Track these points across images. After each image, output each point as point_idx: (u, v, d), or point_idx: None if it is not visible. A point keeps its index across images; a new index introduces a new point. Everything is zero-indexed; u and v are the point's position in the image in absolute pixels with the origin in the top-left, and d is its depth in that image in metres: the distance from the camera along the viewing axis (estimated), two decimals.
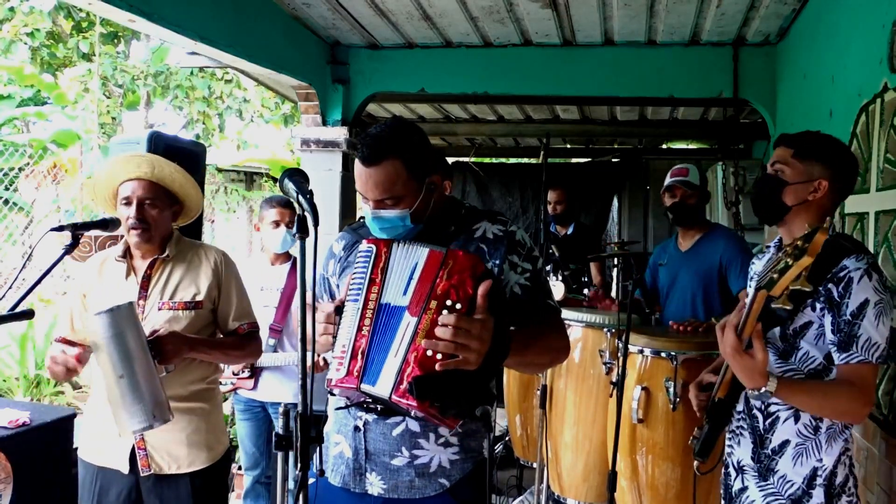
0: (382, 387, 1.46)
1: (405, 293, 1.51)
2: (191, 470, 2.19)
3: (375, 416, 1.65)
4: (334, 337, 1.55)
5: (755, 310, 1.59)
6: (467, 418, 1.58)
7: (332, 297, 1.81)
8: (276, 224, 3.25)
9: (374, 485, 1.66)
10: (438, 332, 1.43)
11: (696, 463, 1.90)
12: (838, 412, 1.68)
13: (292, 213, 3.26)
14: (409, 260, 1.55)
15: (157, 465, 2.16)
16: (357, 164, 1.61)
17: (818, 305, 1.70)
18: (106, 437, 2.13)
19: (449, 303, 1.46)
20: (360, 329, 1.51)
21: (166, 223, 2.25)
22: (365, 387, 1.49)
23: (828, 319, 1.68)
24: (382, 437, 1.65)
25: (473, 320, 1.44)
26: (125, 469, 2.15)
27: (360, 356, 1.49)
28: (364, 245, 1.59)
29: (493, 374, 1.57)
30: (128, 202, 2.16)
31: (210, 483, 2.24)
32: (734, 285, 3.04)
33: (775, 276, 1.51)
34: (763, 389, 1.61)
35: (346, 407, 1.67)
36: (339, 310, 1.56)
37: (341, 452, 1.70)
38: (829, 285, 1.68)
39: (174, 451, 2.18)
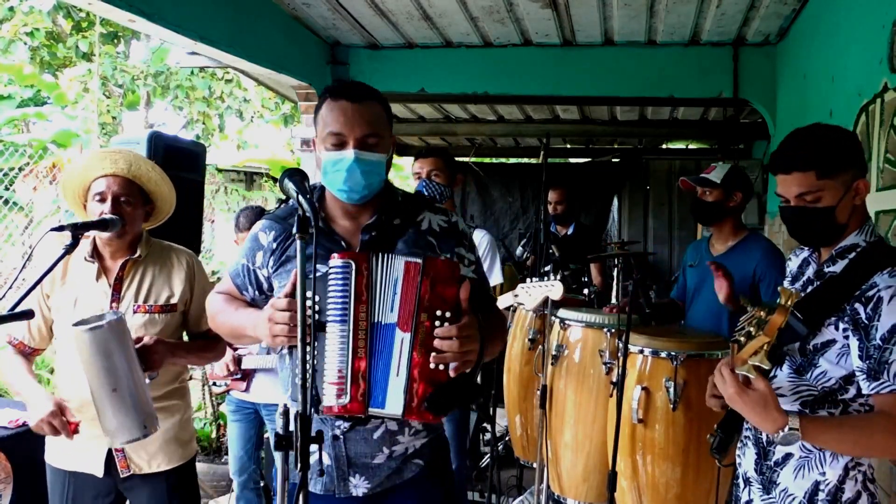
0: (392, 407, 1.49)
1: (392, 309, 1.51)
2: (169, 467, 2.20)
3: (354, 423, 1.64)
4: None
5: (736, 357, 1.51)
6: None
7: (260, 289, 1.74)
8: None
9: (359, 486, 1.67)
10: (443, 345, 1.47)
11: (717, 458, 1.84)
12: (876, 449, 1.51)
13: None
14: (391, 273, 1.52)
15: (137, 465, 2.16)
16: (335, 105, 1.59)
17: (842, 325, 1.54)
18: (78, 440, 2.05)
19: (439, 313, 1.49)
20: (355, 351, 1.49)
21: (139, 222, 2.19)
22: (373, 410, 1.51)
23: (854, 343, 1.52)
24: (364, 442, 1.65)
25: (466, 326, 1.48)
26: (100, 473, 2.12)
27: (360, 380, 1.50)
28: (338, 260, 1.51)
29: (479, 368, 1.59)
30: (102, 198, 2.08)
31: (185, 480, 2.27)
32: (765, 299, 2.80)
33: (742, 339, 1.48)
34: (787, 429, 1.44)
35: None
36: (320, 325, 1.50)
37: (319, 460, 1.66)
38: (857, 304, 1.52)
39: (153, 449, 2.17)
